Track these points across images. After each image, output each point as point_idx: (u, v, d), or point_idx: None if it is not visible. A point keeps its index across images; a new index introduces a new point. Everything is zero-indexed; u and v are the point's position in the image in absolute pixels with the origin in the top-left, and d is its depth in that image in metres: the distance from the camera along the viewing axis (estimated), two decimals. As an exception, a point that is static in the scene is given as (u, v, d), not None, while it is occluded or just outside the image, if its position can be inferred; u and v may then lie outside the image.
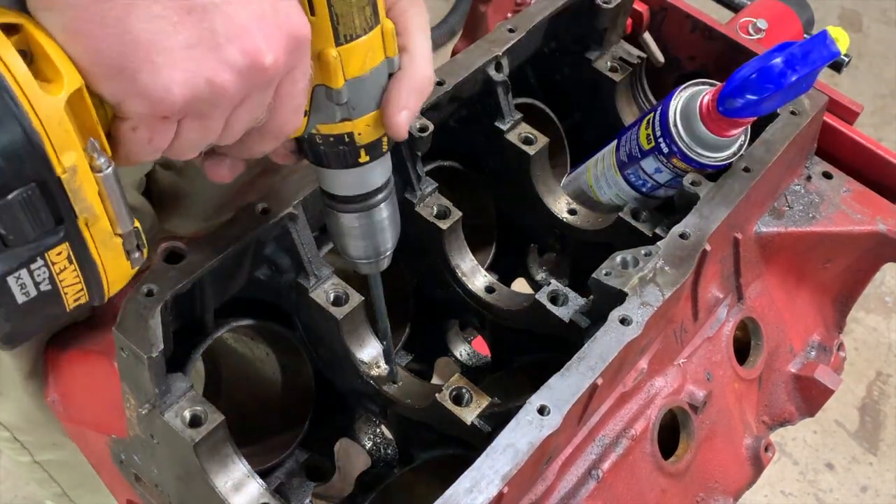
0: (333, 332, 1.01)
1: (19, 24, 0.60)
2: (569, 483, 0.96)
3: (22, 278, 0.64)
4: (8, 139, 0.58)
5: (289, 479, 1.15)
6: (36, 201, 0.61)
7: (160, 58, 0.60)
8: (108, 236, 0.67)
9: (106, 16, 0.58)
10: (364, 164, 0.80)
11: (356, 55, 0.73)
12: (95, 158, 0.63)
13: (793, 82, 0.96)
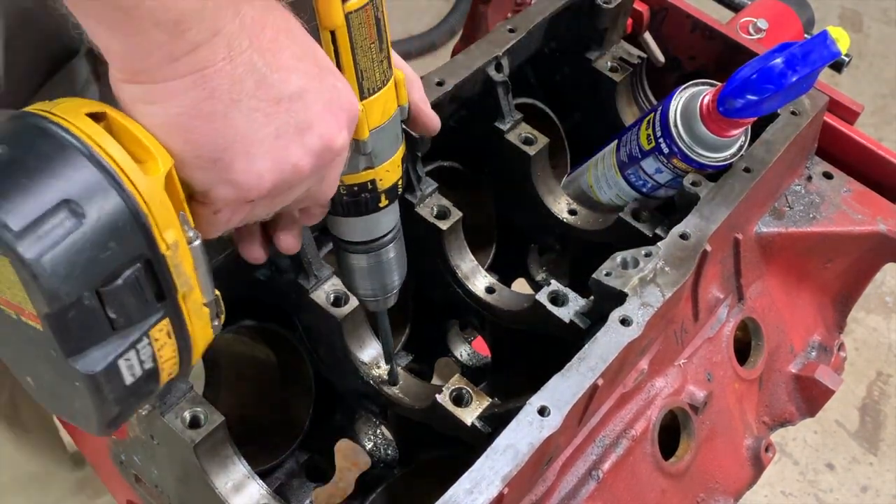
0: (333, 333, 1.01)
1: (103, 111, 0.61)
2: (569, 484, 0.96)
3: (130, 359, 0.64)
4: (118, 221, 0.59)
5: (289, 479, 1.15)
6: (142, 281, 0.61)
7: (254, 148, 0.63)
8: (199, 306, 0.68)
9: (211, 112, 0.60)
10: (383, 208, 0.83)
11: (377, 106, 0.76)
12: (187, 231, 0.64)
13: (793, 82, 0.95)
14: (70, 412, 0.67)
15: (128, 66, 0.58)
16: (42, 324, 0.60)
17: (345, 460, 1.68)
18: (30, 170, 0.57)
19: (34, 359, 0.64)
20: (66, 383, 0.63)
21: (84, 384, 0.62)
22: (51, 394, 0.67)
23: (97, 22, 0.56)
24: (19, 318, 0.61)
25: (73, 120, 0.59)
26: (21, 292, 0.59)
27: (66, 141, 0.58)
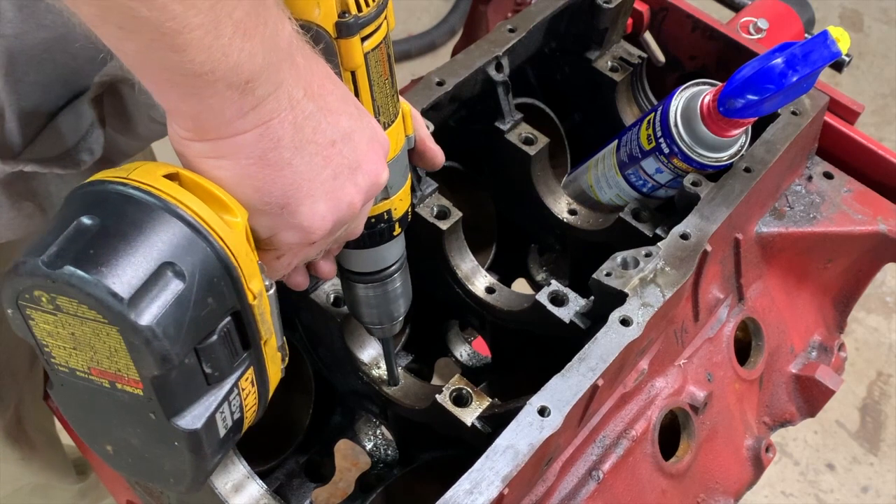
0: (333, 333, 1.01)
1: (175, 171, 0.62)
2: (569, 484, 0.96)
3: (224, 412, 0.65)
4: (213, 276, 0.60)
5: (289, 479, 1.15)
6: (231, 333, 0.62)
7: (316, 191, 0.65)
8: (275, 351, 0.69)
9: (278, 160, 0.62)
10: (396, 237, 0.85)
11: (392, 138, 0.78)
12: (264, 279, 0.65)
13: (794, 82, 0.95)
14: (158, 474, 0.67)
15: (198, 126, 0.60)
16: (144, 388, 0.60)
17: (345, 460, 1.68)
18: (126, 237, 0.57)
19: (122, 426, 0.64)
20: (162, 445, 0.63)
21: (185, 443, 0.63)
22: (136, 459, 0.67)
23: (170, 87, 0.57)
24: (113, 387, 0.61)
25: (154, 183, 0.60)
26: (123, 359, 0.59)
27: (154, 205, 0.59)
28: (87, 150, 0.82)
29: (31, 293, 0.57)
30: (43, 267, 0.56)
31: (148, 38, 0.53)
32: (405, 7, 3.02)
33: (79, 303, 0.56)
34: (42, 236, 0.58)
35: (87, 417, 0.65)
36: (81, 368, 0.61)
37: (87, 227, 0.57)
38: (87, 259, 0.56)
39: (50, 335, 0.59)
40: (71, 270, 0.55)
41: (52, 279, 0.56)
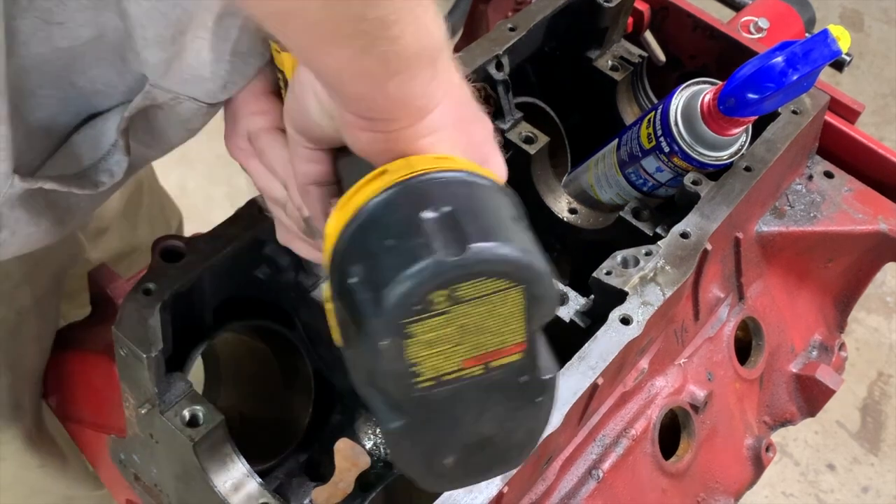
0: (333, 332, 1.01)
1: (443, 156, 0.63)
2: (569, 483, 0.96)
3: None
4: (525, 220, 0.63)
5: (289, 479, 1.15)
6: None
7: (492, 141, 0.69)
8: None
9: (469, 119, 0.66)
10: None
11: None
12: None
13: (794, 81, 0.95)
14: (501, 457, 0.66)
15: (411, 111, 0.61)
16: (527, 347, 0.60)
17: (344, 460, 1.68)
18: (477, 209, 0.59)
19: (479, 416, 0.62)
20: (522, 412, 0.63)
21: (548, 393, 0.63)
22: (479, 453, 0.65)
23: (388, 79, 0.58)
24: (486, 369, 0.60)
25: (448, 165, 0.61)
26: (515, 323, 0.59)
27: (468, 179, 0.60)
28: (106, 171, 0.80)
29: (424, 301, 0.56)
30: (448, 259, 0.55)
31: (370, 39, 0.54)
32: (405, 7, 3.02)
33: (486, 278, 0.56)
34: (386, 258, 0.56)
35: (433, 437, 0.63)
36: (452, 369, 0.59)
37: (443, 215, 0.57)
38: (477, 236, 0.56)
39: (428, 345, 0.57)
40: (478, 247, 0.55)
41: (462, 264, 0.55)
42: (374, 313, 0.56)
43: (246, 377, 1.20)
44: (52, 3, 0.67)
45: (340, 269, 0.59)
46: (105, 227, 1.25)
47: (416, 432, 0.61)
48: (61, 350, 1.10)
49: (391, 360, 0.57)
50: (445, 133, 0.63)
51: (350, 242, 0.59)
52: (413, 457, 0.63)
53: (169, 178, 2.43)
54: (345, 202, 0.61)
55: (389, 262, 0.56)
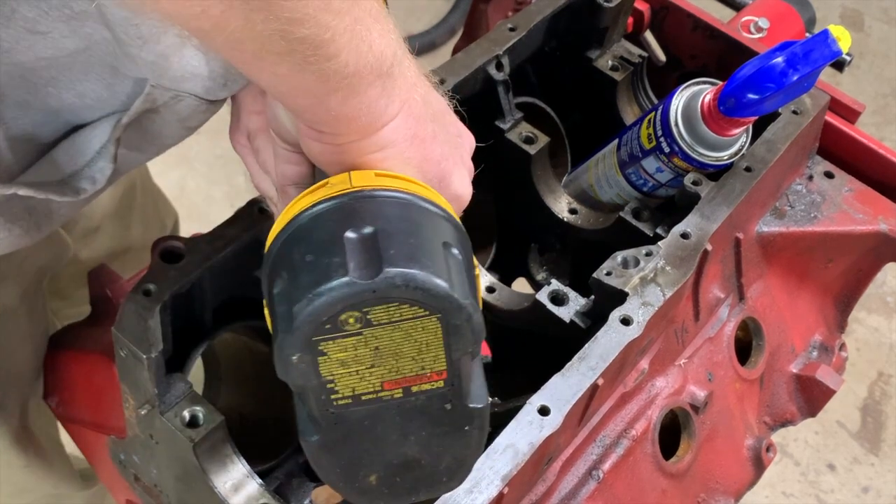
0: (333, 332, 1.01)
1: (381, 171, 0.63)
2: (569, 483, 0.96)
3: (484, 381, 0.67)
4: (465, 246, 0.63)
5: (289, 479, 1.14)
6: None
7: (454, 158, 0.68)
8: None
9: (425, 136, 0.65)
10: None
11: None
12: None
13: (794, 81, 0.95)
14: (429, 480, 0.66)
15: (358, 126, 0.61)
16: (448, 376, 0.60)
17: (345, 460, 1.67)
18: (407, 232, 0.57)
19: (402, 439, 0.63)
20: (448, 437, 0.63)
21: (477, 422, 0.64)
22: (406, 474, 0.65)
23: (328, 95, 0.58)
24: (406, 393, 0.60)
25: (384, 183, 0.60)
26: (433, 351, 0.58)
27: (405, 199, 0.60)
28: (89, 178, 0.80)
29: (335, 321, 0.55)
30: (360, 282, 0.54)
31: (302, 56, 0.54)
32: (405, 7, 3.01)
33: (399, 304, 0.55)
34: (304, 273, 0.56)
35: (353, 453, 0.63)
36: (370, 389, 0.59)
37: (364, 236, 0.56)
38: (395, 260, 0.55)
39: (342, 364, 0.57)
40: (394, 271, 0.54)
41: (374, 288, 0.54)
42: (285, 328, 0.55)
43: (246, 377, 1.20)
44: (36, 13, 0.67)
45: (269, 277, 0.59)
46: (96, 227, 1.25)
47: (334, 447, 0.61)
48: (61, 350, 1.10)
49: (303, 376, 0.57)
50: (397, 149, 0.63)
51: (279, 251, 0.59)
52: (332, 470, 0.63)
53: (169, 178, 2.43)
54: (286, 210, 0.61)
55: (305, 277, 0.56)
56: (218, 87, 0.77)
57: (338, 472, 0.64)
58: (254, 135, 0.78)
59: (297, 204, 0.61)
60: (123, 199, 1.32)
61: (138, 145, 0.84)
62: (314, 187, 0.62)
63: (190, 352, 0.96)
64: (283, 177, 0.72)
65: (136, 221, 1.35)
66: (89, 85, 0.75)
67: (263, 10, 0.52)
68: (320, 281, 0.55)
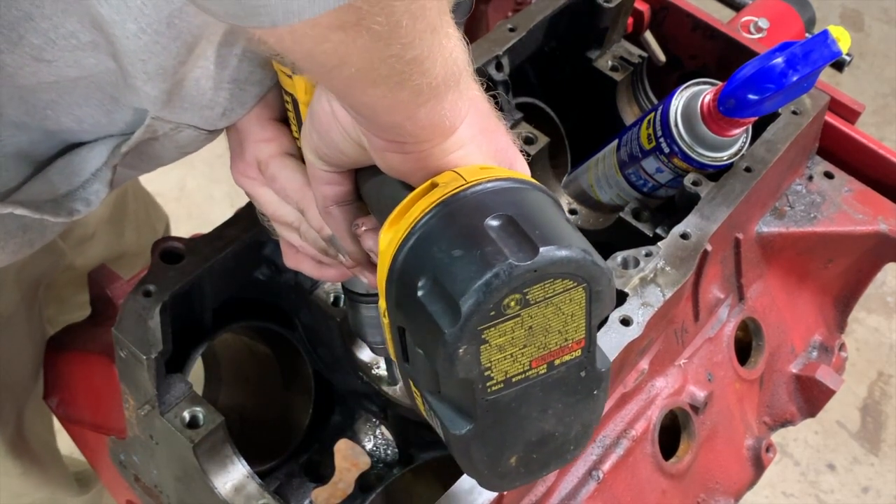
0: (333, 333, 1.01)
1: (483, 166, 0.65)
2: (569, 484, 0.96)
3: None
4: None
5: (289, 479, 1.15)
6: None
7: (516, 154, 0.71)
8: None
9: (492, 128, 0.68)
10: None
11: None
12: None
13: (794, 82, 0.95)
14: (559, 451, 0.66)
15: (441, 130, 0.63)
16: (585, 343, 0.62)
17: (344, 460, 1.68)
18: (536, 215, 0.60)
19: (542, 414, 0.63)
20: (580, 405, 0.64)
21: (603, 384, 0.65)
22: (541, 449, 0.66)
23: (417, 109, 0.60)
24: (550, 368, 0.62)
25: (498, 173, 0.63)
26: (576, 321, 0.60)
27: (521, 186, 0.62)
28: (83, 200, 0.80)
29: (499, 307, 0.57)
30: (521, 264, 0.56)
31: (402, 76, 0.56)
32: (405, 7, 3.02)
33: (553, 280, 0.58)
34: (458, 268, 0.57)
35: (500, 437, 0.64)
36: (520, 370, 0.61)
37: (505, 223, 0.59)
38: (544, 239, 0.58)
39: (500, 349, 0.59)
40: (548, 249, 0.57)
41: (535, 268, 0.57)
42: (451, 322, 0.57)
43: (246, 378, 1.20)
44: (43, 41, 0.67)
45: (402, 282, 0.60)
46: (90, 234, 1.25)
47: (484, 435, 0.62)
48: (61, 350, 1.10)
49: (466, 367, 0.59)
50: (474, 144, 0.65)
51: (412, 256, 0.60)
52: (480, 459, 0.64)
53: (169, 178, 2.43)
54: (397, 218, 0.62)
55: (462, 271, 0.57)
56: (217, 118, 0.77)
57: (485, 461, 0.64)
58: (266, 163, 0.78)
59: (413, 209, 0.62)
60: (116, 205, 1.32)
61: (135, 165, 0.84)
62: (420, 191, 0.63)
63: (190, 352, 0.96)
64: (326, 198, 0.73)
65: (128, 227, 1.35)
66: (88, 111, 0.74)
67: (384, 40, 0.53)
68: (482, 270, 0.57)
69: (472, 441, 0.62)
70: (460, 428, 0.61)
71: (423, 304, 0.58)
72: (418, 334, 0.60)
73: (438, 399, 0.62)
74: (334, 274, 0.81)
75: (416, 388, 0.63)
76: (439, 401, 0.62)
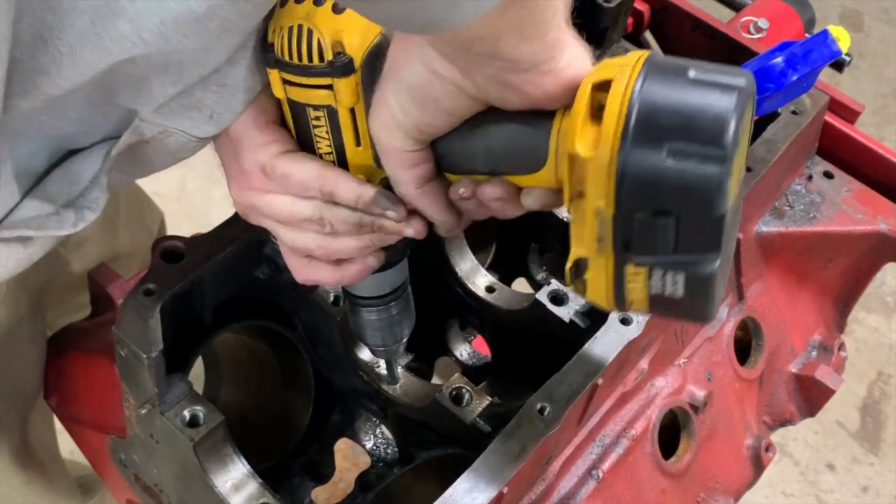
0: (333, 332, 1.01)
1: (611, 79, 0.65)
2: (569, 483, 0.96)
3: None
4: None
5: (289, 478, 1.15)
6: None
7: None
8: None
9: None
10: (401, 260, 0.85)
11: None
12: None
13: (794, 82, 0.95)
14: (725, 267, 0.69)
15: (564, 42, 0.66)
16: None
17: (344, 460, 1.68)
18: (705, 65, 0.63)
19: (733, 226, 0.67)
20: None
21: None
22: (724, 263, 0.68)
23: (549, 25, 0.64)
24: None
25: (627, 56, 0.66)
26: (748, 136, 0.65)
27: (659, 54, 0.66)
28: (84, 208, 0.79)
29: (738, 131, 0.61)
30: (747, 86, 0.61)
31: (543, 22, 0.62)
32: (405, 7, 3.02)
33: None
34: (700, 119, 0.60)
35: (726, 259, 0.68)
36: (735, 191, 0.65)
37: (700, 70, 0.62)
38: (730, 71, 0.62)
39: (735, 175, 0.64)
40: (746, 73, 0.62)
41: (751, 86, 0.62)
42: (716, 162, 0.60)
43: (246, 377, 1.20)
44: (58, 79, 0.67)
45: (640, 156, 0.61)
46: (85, 238, 1.25)
47: (724, 261, 0.66)
48: (61, 350, 1.10)
49: (726, 199, 0.61)
50: (578, 48, 0.68)
51: (639, 134, 0.61)
52: (721, 286, 0.67)
53: (169, 178, 2.43)
54: (588, 115, 0.64)
55: (702, 120, 0.60)
56: (204, 121, 0.76)
57: (719, 290, 0.66)
58: (273, 164, 0.77)
59: (613, 94, 0.63)
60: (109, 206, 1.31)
61: (129, 170, 0.83)
62: (599, 83, 0.64)
63: (190, 351, 0.96)
64: (420, 179, 0.73)
65: (122, 229, 1.34)
66: (86, 111, 0.74)
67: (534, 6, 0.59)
68: (727, 98, 0.60)
69: (718, 271, 0.64)
70: (712, 263, 0.63)
71: (674, 167, 0.60)
72: (670, 197, 0.61)
73: (676, 256, 0.64)
74: (355, 271, 0.81)
75: (636, 268, 0.65)
76: (679, 256, 0.64)
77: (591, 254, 0.67)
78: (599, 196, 0.64)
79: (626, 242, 0.64)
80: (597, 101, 0.64)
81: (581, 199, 0.66)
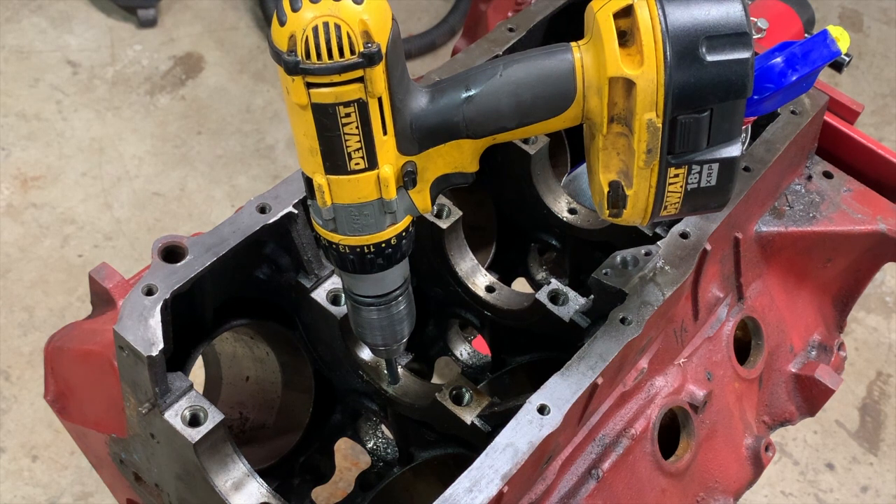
0: (333, 332, 1.01)
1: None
2: (569, 482, 0.96)
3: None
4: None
5: (289, 478, 1.15)
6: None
7: None
8: None
9: None
10: (402, 260, 0.86)
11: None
12: None
13: (793, 82, 0.95)
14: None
15: None
16: None
17: (344, 459, 1.68)
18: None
19: None
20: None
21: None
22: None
23: None
24: None
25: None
26: None
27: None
28: None
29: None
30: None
31: None
32: (405, 7, 3.02)
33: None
34: (720, 13, 0.73)
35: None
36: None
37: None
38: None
39: None
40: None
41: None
42: (744, 47, 0.73)
43: (246, 377, 1.20)
44: None
45: (685, 67, 0.72)
46: None
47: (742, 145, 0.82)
48: (61, 349, 1.10)
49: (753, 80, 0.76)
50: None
51: (678, 46, 0.72)
52: (738, 171, 0.79)
53: (169, 178, 2.43)
54: (615, 42, 0.73)
55: (723, 19, 0.72)
56: None
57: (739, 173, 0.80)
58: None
59: (641, 7, 0.72)
60: None
61: None
62: (617, 3, 0.74)
63: (191, 350, 0.96)
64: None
65: None
66: None
67: None
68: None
69: (740, 157, 0.78)
70: (739, 148, 0.76)
71: (712, 60, 0.72)
72: (712, 91, 0.73)
73: (710, 149, 0.75)
74: None
75: (676, 170, 0.76)
76: (712, 148, 0.75)
77: (633, 170, 0.76)
78: (648, 109, 0.73)
79: (671, 147, 0.74)
80: (619, 27, 0.73)
81: (617, 123, 0.74)
